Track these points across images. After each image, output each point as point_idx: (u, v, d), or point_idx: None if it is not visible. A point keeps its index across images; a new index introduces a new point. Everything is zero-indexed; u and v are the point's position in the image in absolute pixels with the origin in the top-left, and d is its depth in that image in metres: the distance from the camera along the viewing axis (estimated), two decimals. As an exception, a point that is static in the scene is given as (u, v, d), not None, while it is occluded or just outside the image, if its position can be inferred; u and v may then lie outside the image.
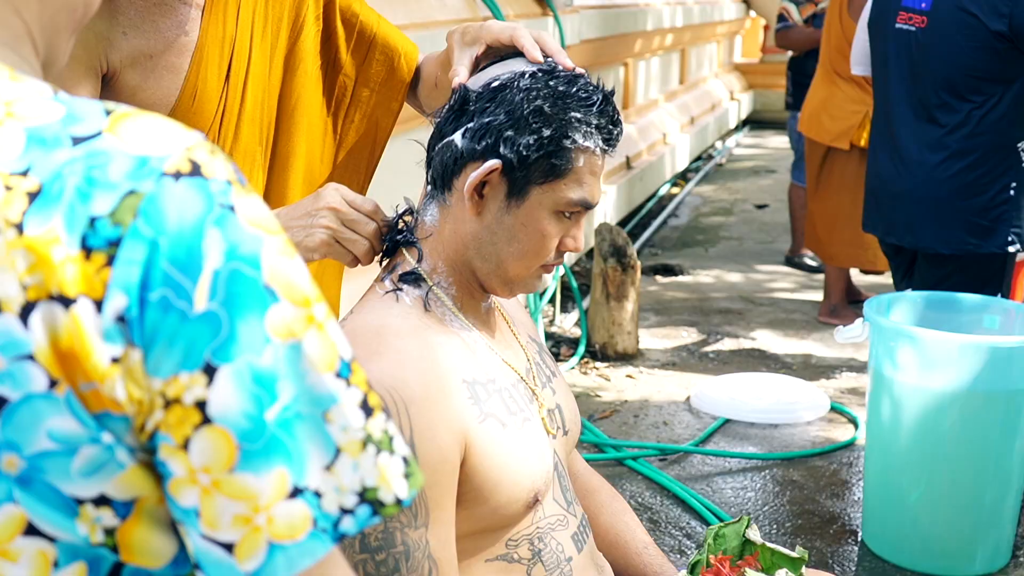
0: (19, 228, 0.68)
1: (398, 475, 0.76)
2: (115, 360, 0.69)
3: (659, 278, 6.05)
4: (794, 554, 1.68)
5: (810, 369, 4.65)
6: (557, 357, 4.74)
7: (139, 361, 0.69)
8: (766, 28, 11.63)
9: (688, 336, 5.07)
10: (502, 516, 1.41)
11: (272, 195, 1.67)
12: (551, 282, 5.02)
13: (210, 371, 0.69)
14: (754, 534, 1.72)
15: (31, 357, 0.68)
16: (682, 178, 8.86)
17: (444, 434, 1.33)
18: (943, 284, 3.38)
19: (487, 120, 1.36)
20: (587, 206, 1.41)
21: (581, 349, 4.71)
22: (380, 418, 0.77)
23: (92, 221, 0.69)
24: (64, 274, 0.68)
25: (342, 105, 1.75)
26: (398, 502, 0.76)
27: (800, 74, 6.21)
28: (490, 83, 1.39)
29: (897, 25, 3.37)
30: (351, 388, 0.75)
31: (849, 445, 3.86)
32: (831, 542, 3.21)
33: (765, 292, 5.80)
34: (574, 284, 5.02)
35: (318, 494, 0.72)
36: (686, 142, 8.54)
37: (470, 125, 1.37)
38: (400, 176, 2.49)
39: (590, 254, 5.63)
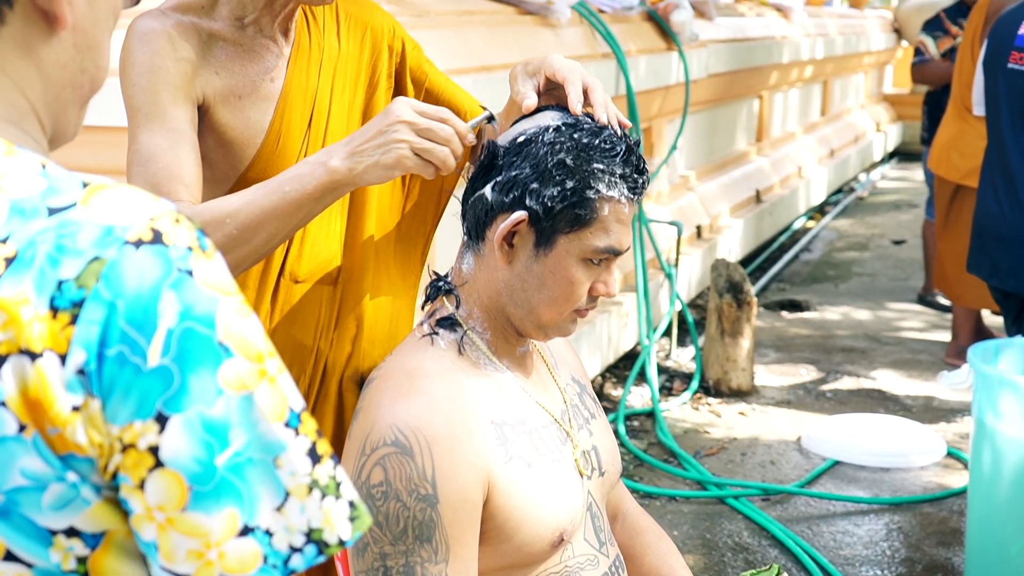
0: None
1: (343, 518, 0.83)
2: (76, 408, 0.76)
3: (784, 314, 5.98)
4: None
5: (930, 412, 4.54)
6: (670, 392, 4.75)
7: (98, 409, 0.77)
8: (915, 59, 11.36)
9: (807, 374, 5.01)
10: (527, 554, 1.47)
11: (348, 240, 1.75)
12: (667, 316, 5.04)
13: (162, 420, 0.77)
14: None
15: (3, 404, 0.76)
16: (819, 211, 8.72)
17: (467, 473, 1.39)
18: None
19: (514, 173, 1.42)
20: (615, 252, 1.46)
21: (694, 384, 4.70)
22: (328, 465, 0.83)
23: (60, 284, 0.76)
24: (32, 332, 0.76)
25: None
26: (341, 542, 0.83)
27: (936, 109, 6.07)
28: (517, 138, 1.45)
29: (1009, 65, 3.30)
30: (300, 437, 0.82)
31: (962, 492, 3.75)
32: (930, 592, 3.15)
33: (893, 331, 5.68)
34: (690, 319, 5.02)
35: (269, 533, 0.79)
36: (824, 175, 8.42)
37: (499, 179, 1.44)
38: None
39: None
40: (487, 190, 1.45)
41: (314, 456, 0.83)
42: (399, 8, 3.33)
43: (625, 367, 4.87)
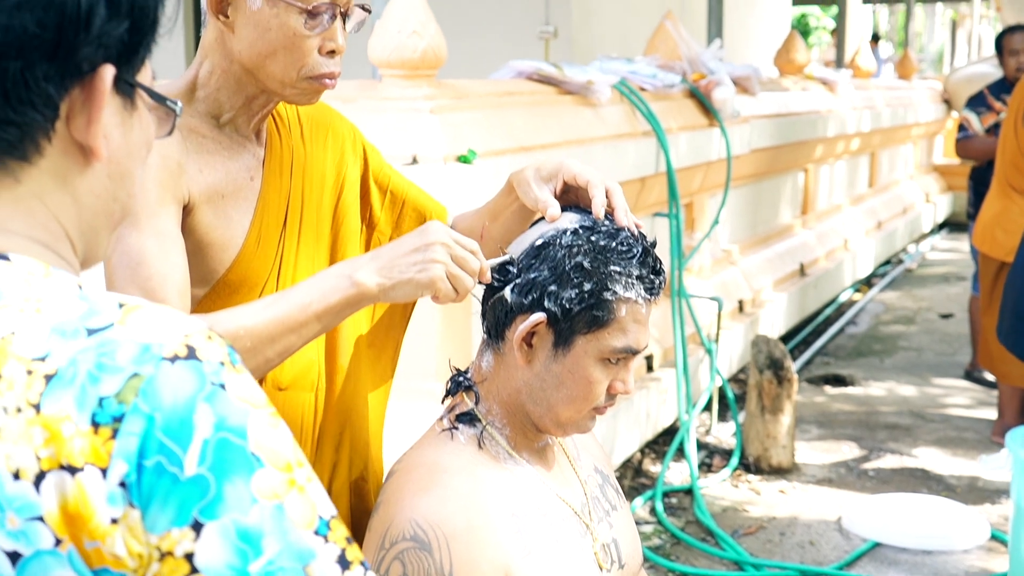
0: (37, 408, 0.80)
1: None
2: (115, 520, 0.79)
3: (828, 388, 5.94)
4: None
5: (975, 493, 4.48)
6: (709, 468, 4.73)
7: (138, 519, 0.79)
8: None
9: (849, 451, 4.97)
10: (543, 646, 1.48)
11: (326, 347, 1.73)
12: (706, 392, 5.03)
13: (197, 527, 0.79)
14: None
15: (41, 519, 0.79)
16: (866, 284, 8.68)
17: (485, 569, 1.42)
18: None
19: (532, 276, 1.47)
20: (632, 352, 1.49)
21: (734, 461, 4.68)
22: (357, 571, 0.86)
23: (100, 400, 0.80)
24: (73, 447, 0.79)
25: None
26: None
27: (981, 184, 6.06)
28: (535, 240, 1.49)
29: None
30: (329, 544, 0.85)
31: (1004, 578, 3.70)
32: None
33: (938, 407, 5.62)
34: (730, 395, 5.01)
35: None
36: (871, 247, 8.39)
37: (518, 281, 1.48)
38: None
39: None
40: (507, 291, 1.49)
41: (343, 563, 0.85)
42: (439, 91, 3.41)
43: (664, 442, 4.87)
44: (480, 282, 1.50)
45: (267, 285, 1.62)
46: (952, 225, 11.61)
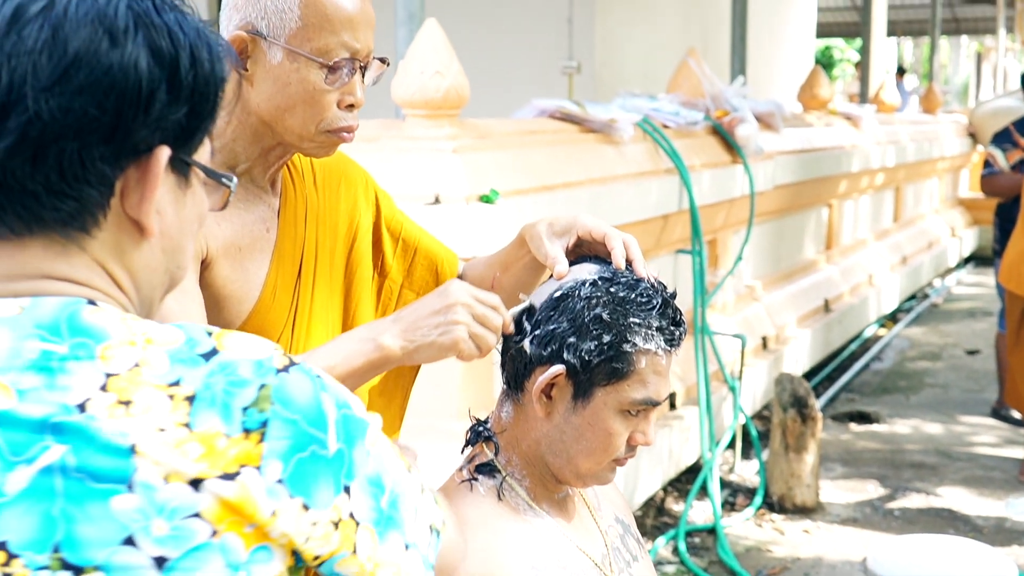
0: (188, 426, 0.88)
1: (434, 505, 1.09)
2: (275, 512, 0.89)
3: (853, 426, 5.90)
4: None
5: (1003, 534, 4.43)
6: (733, 507, 4.69)
7: (300, 505, 0.91)
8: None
9: (874, 491, 4.92)
10: None
11: None
12: (730, 430, 5.00)
13: (347, 490, 0.94)
14: None
15: (198, 515, 0.87)
16: (891, 319, 8.63)
17: (503, 622, 1.40)
18: None
19: (552, 327, 1.46)
20: (652, 404, 1.48)
21: (758, 500, 4.65)
22: (417, 472, 1.08)
23: (244, 410, 0.90)
24: (228, 455, 0.88)
25: (388, 309, 1.83)
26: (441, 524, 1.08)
27: (1007, 220, 6.02)
28: (554, 292, 1.49)
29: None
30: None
31: (1033, 622, 3.65)
32: None
33: (965, 446, 5.57)
34: (754, 433, 4.98)
35: (417, 544, 1.02)
36: (896, 282, 8.35)
37: (537, 332, 1.47)
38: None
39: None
40: (526, 343, 1.48)
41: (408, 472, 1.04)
42: (461, 130, 3.42)
43: (687, 481, 4.84)
44: (505, 332, 1.50)
45: (283, 335, 1.62)
46: (978, 259, 11.54)
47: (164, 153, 0.93)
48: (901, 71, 18.75)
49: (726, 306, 5.45)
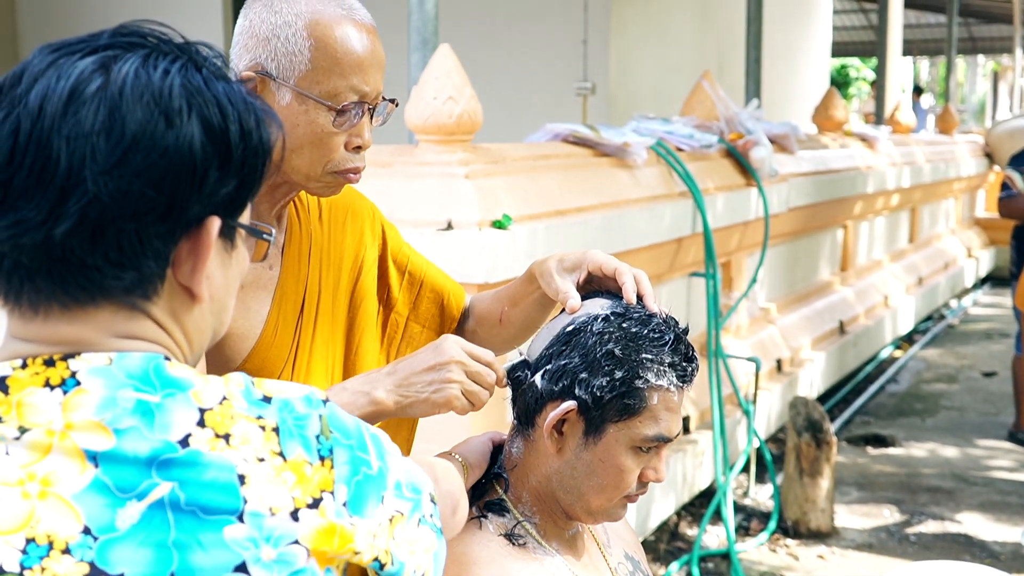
0: (282, 455, 0.94)
1: (426, 477, 1.12)
2: (348, 527, 0.95)
3: (869, 449, 5.86)
4: None
5: (1020, 560, 4.39)
6: (747, 532, 4.67)
7: (358, 521, 0.97)
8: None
9: (890, 516, 4.89)
10: None
11: None
12: (743, 454, 4.97)
13: (383, 499, 1.00)
14: None
15: (296, 542, 0.92)
16: (907, 340, 8.58)
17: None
18: None
19: (563, 363, 1.45)
20: (664, 440, 1.47)
21: (772, 525, 4.62)
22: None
23: (316, 438, 0.96)
24: (314, 481, 0.94)
25: (394, 342, 1.83)
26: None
27: (1024, 243, 6.01)
28: (566, 327, 1.48)
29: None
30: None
31: (1051, 651, 3.61)
32: None
33: (981, 470, 5.53)
34: (768, 457, 4.95)
35: (432, 516, 1.09)
36: (912, 304, 8.31)
37: (548, 367, 1.47)
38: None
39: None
40: (537, 378, 1.48)
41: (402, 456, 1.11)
42: (474, 155, 3.42)
43: (701, 505, 4.81)
44: (500, 386, 1.52)
45: (283, 373, 1.61)
46: (995, 280, 11.49)
47: (215, 224, 0.95)
48: (918, 90, 18.70)
49: (740, 329, 5.44)
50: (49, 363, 0.92)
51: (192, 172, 0.92)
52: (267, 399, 0.96)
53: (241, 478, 0.90)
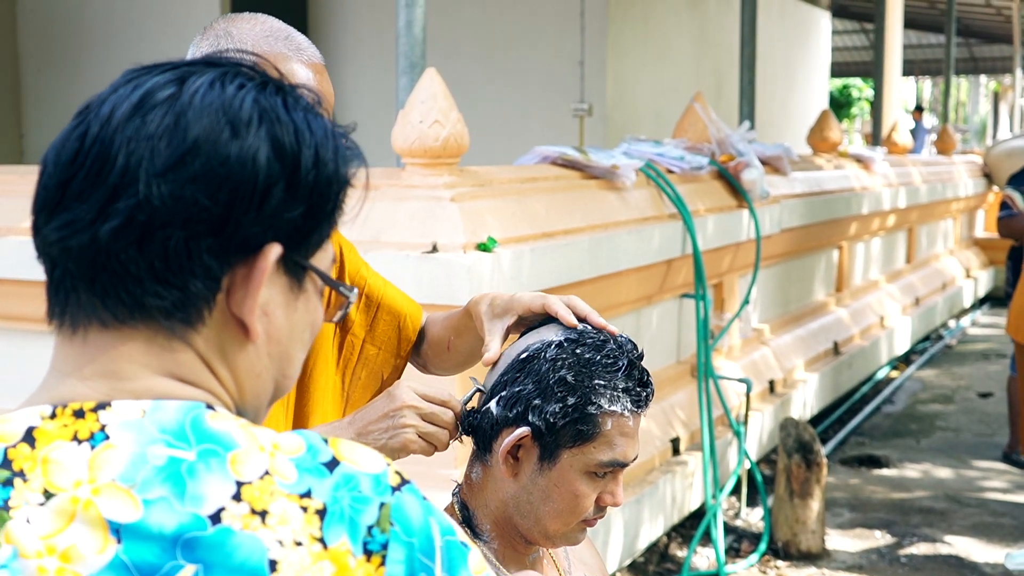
0: (322, 542, 0.84)
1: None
2: None
3: (862, 470, 5.86)
4: None
5: (1010, 582, 4.39)
6: (737, 553, 4.67)
7: None
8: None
9: (881, 537, 4.89)
10: None
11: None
12: (733, 476, 4.98)
13: None
14: None
15: None
16: (904, 361, 8.59)
17: None
18: None
19: (517, 389, 1.47)
20: (620, 465, 1.49)
21: (762, 547, 4.62)
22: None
23: (369, 530, 0.86)
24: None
25: (350, 363, 1.83)
26: None
27: (1021, 263, 6.01)
28: (520, 353, 1.50)
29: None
30: None
31: (1037, 674, 3.61)
32: None
33: (974, 491, 5.53)
34: (759, 477, 4.96)
35: None
36: (908, 324, 8.31)
37: (503, 394, 1.48)
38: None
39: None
40: (492, 404, 1.49)
41: None
42: (460, 178, 3.45)
43: (691, 526, 4.82)
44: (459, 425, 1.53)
45: None
46: (994, 300, 11.49)
47: (274, 251, 0.89)
48: (919, 109, 18.75)
49: (732, 350, 5.45)
50: (79, 414, 0.87)
51: (252, 187, 0.87)
52: (331, 465, 0.88)
53: (272, 564, 0.82)
